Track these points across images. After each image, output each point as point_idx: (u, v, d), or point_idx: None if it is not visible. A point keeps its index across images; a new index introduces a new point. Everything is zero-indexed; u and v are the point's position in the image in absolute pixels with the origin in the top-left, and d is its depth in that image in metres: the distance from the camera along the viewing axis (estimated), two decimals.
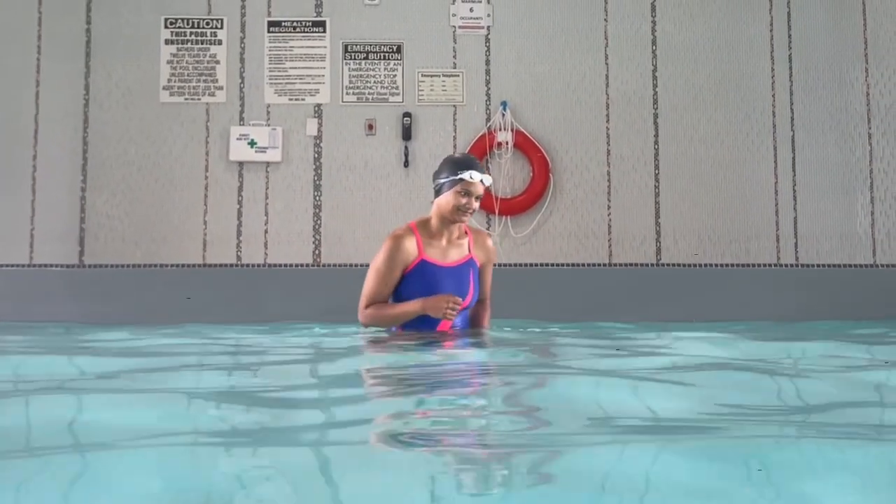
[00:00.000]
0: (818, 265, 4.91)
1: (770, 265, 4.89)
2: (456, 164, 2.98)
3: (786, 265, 4.90)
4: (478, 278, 3.03)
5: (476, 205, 2.96)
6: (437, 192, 3.01)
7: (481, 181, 2.96)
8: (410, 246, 2.95)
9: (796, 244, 4.93)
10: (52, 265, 4.78)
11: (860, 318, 4.31)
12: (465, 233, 3.08)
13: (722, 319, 4.36)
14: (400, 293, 2.97)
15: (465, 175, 2.92)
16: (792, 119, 5.00)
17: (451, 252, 3.01)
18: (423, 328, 2.94)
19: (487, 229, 4.80)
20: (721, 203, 4.94)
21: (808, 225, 4.94)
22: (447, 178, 2.96)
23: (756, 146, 4.99)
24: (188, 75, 4.94)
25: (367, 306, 2.96)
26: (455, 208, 2.93)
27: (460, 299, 2.85)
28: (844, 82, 5.02)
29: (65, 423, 1.26)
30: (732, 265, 4.89)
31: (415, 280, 2.93)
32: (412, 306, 2.89)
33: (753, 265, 4.88)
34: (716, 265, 4.89)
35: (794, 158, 4.98)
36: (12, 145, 4.84)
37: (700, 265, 4.89)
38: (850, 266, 4.91)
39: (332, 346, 2.88)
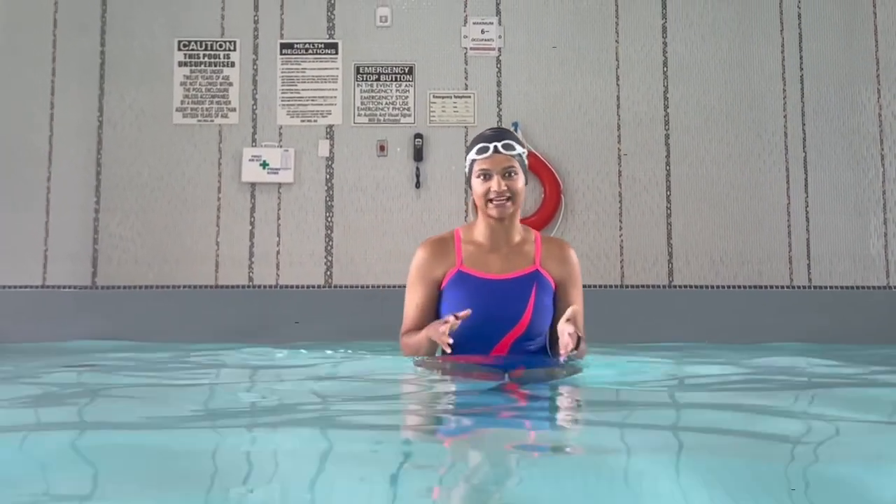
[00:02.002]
0: (831, 287, 4.89)
1: (783, 287, 4.87)
2: (470, 144, 2.42)
3: (799, 287, 4.88)
4: (547, 298, 2.37)
5: (505, 185, 2.31)
6: (468, 186, 2.45)
7: (495, 149, 2.31)
8: (442, 254, 2.41)
9: (809, 266, 4.91)
10: (65, 286, 4.79)
11: (875, 341, 4.29)
12: (536, 240, 2.45)
13: (735, 342, 4.34)
14: (440, 313, 2.39)
15: (473, 153, 2.35)
16: (804, 140, 4.99)
17: (503, 261, 2.39)
18: (474, 351, 2.32)
19: None
20: (733, 224, 4.93)
21: (820, 246, 4.92)
22: (466, 164, 2.42)
23: (768, 167, 4.98)
24: (201, 97, 4.96)
25: (403, 333, 2.45)
26: (482, 198, 2.34)
27: (459, 315, 2.14)
28: (856, 104, 5.01)
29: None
30: (745, 287, 4.87)
31: (452, 295, 2.36)
32: (421, 335, 2.32)
33: (766, 287, 4.87)
34: (728, 287, 4.87)
35: (806, 179, 4.97)
36: (26, 166, 4.87)
37: (712, 286, 4.87)
38: (864, 288, 4.88)
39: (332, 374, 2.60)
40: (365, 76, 5.01)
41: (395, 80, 5.01)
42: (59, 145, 4.89)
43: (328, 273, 4.88)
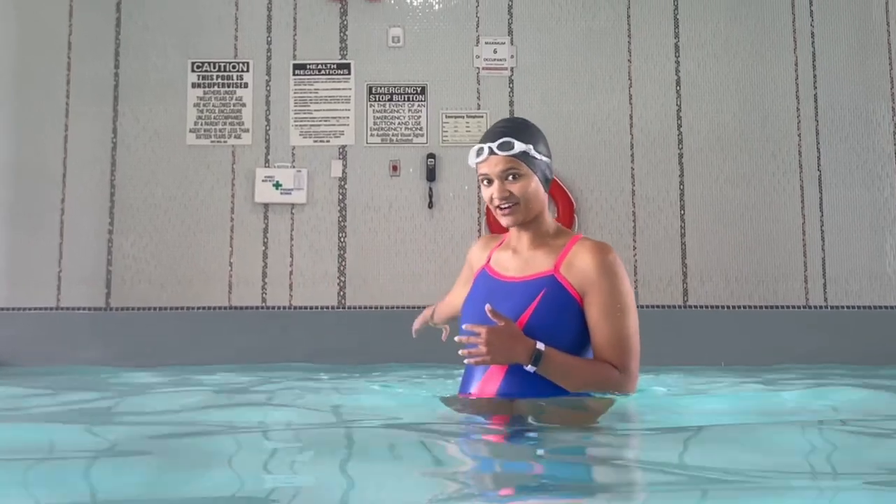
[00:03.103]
0: (848, 307, 4.85)
1: (799, 307, 4.84)
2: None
3: (815, 307, 4.85)
4: (557, 307, 2.01)
5: (507, 191, 2.04)
6: None
7: (490, 150, 2.04)
8: (483, 249, 2.30)
9: (825, 285, 4.88)
10: (79, 308, 4.80)
11: (893, 363, 4.27)
12: (568, 243, 2.09)
13: (751, 363, 4.32)
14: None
15: (471, 158, 2.11)
16: (819, 159, 4.97)
17: (523, 263, 2.12)
18: (464, 389, 2.14)
19: None
20: (748, 244, 4.91)
21: (836, 266, 4.89)
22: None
23: (783, 186, 4.96)
24: (214, 118, 4.98)
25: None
26: (489, 206, 2.12)
27: (443, 337, 2.11)
28: (871, 122, 4.99)
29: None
30: (760, 307, 4.84)
31: (469, 291, 2.24)
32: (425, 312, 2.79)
33: (782, 307, 4.84)
34: (743, 307, 4.85)
35: (821, 198, 4.95)
36: (41, 188, 4.89)
37: (728, 307, 4.84)
38: (881, 308, 4.85)
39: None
40: (377, 96, 5.01)
41: (408, 101, 5.02)
42: (73, 167, 4.91)
43: (341, 294, 4.88)
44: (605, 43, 5.04)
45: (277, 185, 4.92)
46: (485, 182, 2.08)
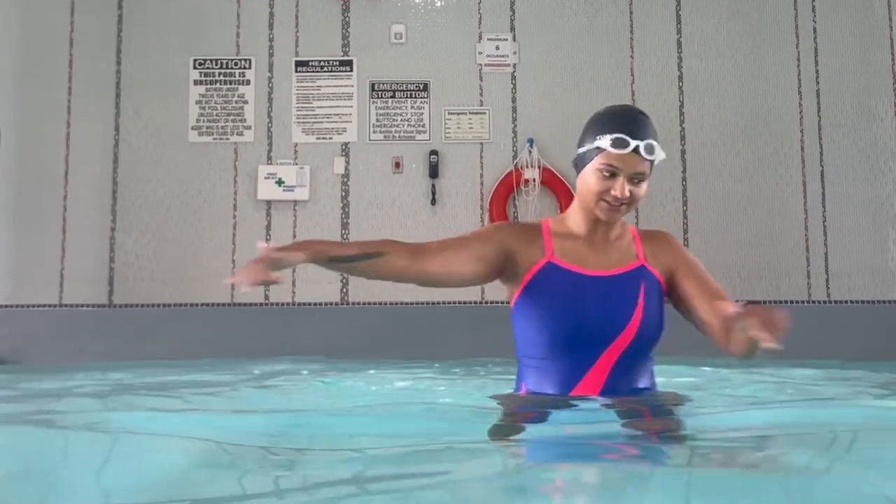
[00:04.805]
0: (850, 301, 4.85)
1: (801, 302, 4.84)
2: (598, 123, 1.94)
3: (817, 302, 4.86)
4: (657, 300, 1.97)
5: (629, 191, 1.88)
6: (577, 170, 2.00)
7: (636, 149, 1.87)
8: (527, 238, 2.00)
9: (827, 280, 4.88)
10: (81, 305, 4.80)
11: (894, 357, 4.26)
12: (633, 233, 2.06)
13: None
14: (523, 310, 1.97)
15: (605, 141, 1.89)
16: (821, 154, 4.97)
17: (602, 255, 1.98)
18: (570, 366, 1.94)
19: None
20: (751, 239, 4.91)
21: (839, 261, 4.90)
22: (586, 146, 1.95)
23: (785, 182, 4.96)
24: (217, 115, 4.98)
25: (392, 245, 1.96)
26: (596, 195, 1.92)
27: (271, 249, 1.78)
28: (873, 117, 4.99)
29: None
30: (763, 302, 4.84)
31: (538, 290, 1.94)
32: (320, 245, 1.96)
33: (784, 302, 4.83)
34: (746, 302, 4.83)
35: (823, 193, 4.95)
36: (43, 186, 4.88)
37: None
38: (883, 302, 4.85)
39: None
40: (380, 93, 5.01)
41: (410, 97, 5.02)
42: (75, 165, 4.91)
43: (344, 290, 4.88)
44: (608, 39, 5.04)
45: (280, 183, 4.92)
46: (605, 172, 1.88)
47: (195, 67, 5.00)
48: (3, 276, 4.78)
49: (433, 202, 4.92)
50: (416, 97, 5.01)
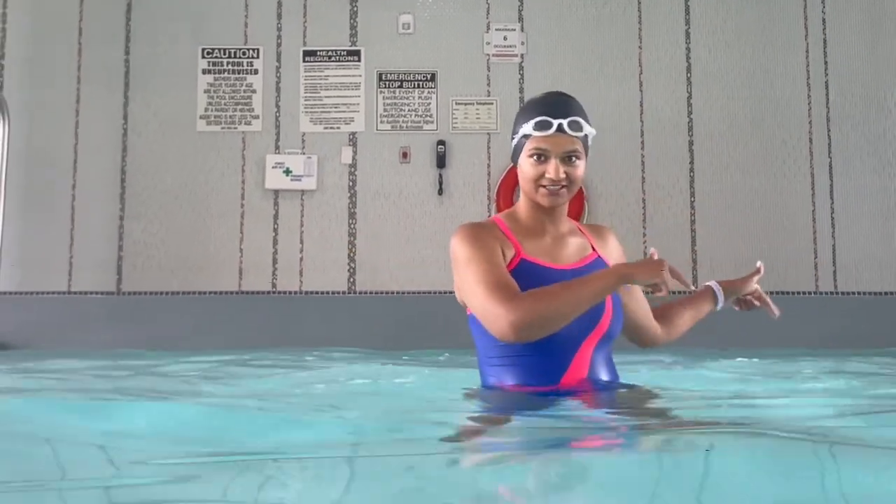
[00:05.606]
0: (858, 293, 4.84)
1: (809, 293, 4.84)
2: (523, 112, 1.95)
3: (825, 293, 4.85)
4: (616, 296, 1.95)
5: (563, 172, 1.86)
6: (514, 162, 1.98)
7: (559, 127, 1.86)
8: (493, 236, 1.91)
9: (835, 272, 4.87)
10: (90, 293, 4.82)
11: None
12: (580, 229, 2.06)
13: (759, 348, 4.31)
14: None
15: (529, 126, 1.88)
16: (829, 146, 4.96)
17: (563, 249, 1.97)
18: (555, 358, 1.89)
19: None
20: (758, 231, 4.90)
21: (847, 252, 4.88)
22: (515, 136, 1.95)
23: (793, 173, 4.95)
24: (225, 104, 4.99)
25: (510, 297, 1.75)
26: (533, 182, 1.90)
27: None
28: (882, 109, 4.97)
29: None
30: (770, 293, 4.81)
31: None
32: (600, 279, 1.79)
33: (792, 293, 4.83)
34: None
35: (831, 185, 4.94)
36: (52, 174, 4.90)
37: None
38: (891, 294, 4.84)
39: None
40: (387, 83, 5.02)
41: (418, 87, 5.02)
42: (83, 153, 4.93)
43: (351, 280, 4.89)
44: (616, 30, 5.04)
45: (288, 172, 4.93)
46: (535, 157, 1.87)
47: (203, 56, 5.01)
48: (12, 263, 4.79)
49: (440, 192, 4.92)
50: (423, 87, 5.02)
